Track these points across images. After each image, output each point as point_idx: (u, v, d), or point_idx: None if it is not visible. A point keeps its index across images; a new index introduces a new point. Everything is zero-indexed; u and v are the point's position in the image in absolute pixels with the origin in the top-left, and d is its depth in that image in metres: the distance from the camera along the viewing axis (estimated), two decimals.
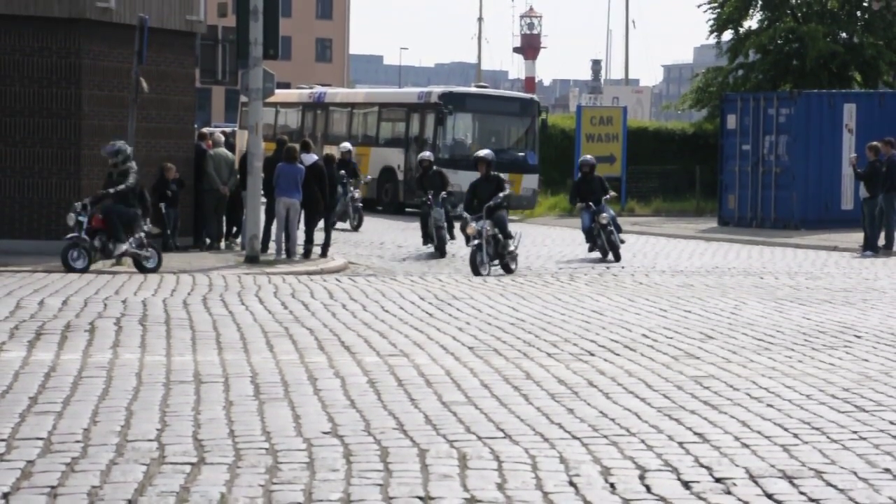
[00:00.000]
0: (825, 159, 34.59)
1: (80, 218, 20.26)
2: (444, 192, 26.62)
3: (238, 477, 7.36)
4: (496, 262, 21.99)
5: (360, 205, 33.05)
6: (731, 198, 36.13)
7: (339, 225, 30.51)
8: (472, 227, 21.79)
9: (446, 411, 9.36)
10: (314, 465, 7.67)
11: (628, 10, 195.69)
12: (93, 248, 20.13)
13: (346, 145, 34.27)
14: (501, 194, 22.34)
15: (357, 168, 33.95)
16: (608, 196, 25.64)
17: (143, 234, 20.56)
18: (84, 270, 19.72)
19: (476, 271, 21.48)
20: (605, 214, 24.86)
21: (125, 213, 20.42)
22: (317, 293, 17.29)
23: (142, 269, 20.30)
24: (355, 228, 32.26)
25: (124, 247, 20.42)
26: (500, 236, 21.91)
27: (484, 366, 11.50)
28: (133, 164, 20.63)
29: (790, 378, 11.09)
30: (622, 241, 25.28)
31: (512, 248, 22.18)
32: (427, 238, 26.43)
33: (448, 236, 26.36)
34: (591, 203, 25.23)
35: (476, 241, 21.64)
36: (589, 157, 27.83)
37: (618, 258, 24.70)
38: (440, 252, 25.50)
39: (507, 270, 22.01)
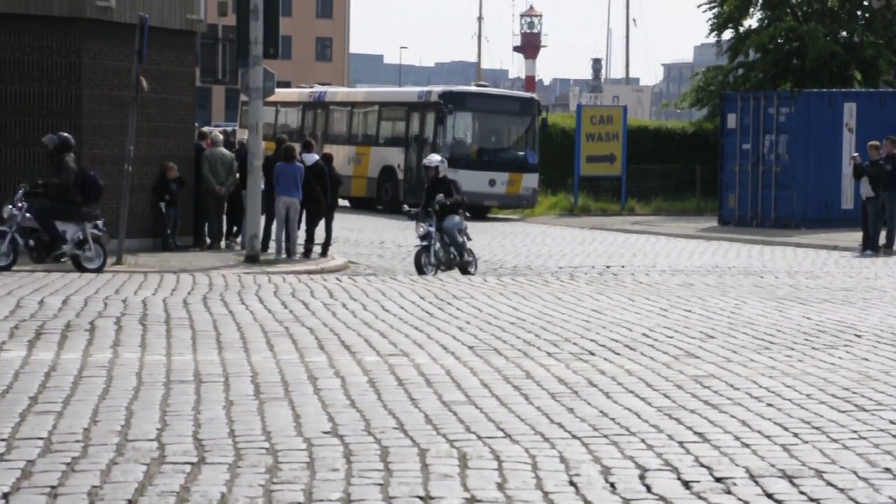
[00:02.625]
0: (825, 159, 34.59)
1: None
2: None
3: (238, 477, 7.36)
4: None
5: None
6: (731, 197, 36.12)
7: None
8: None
9: (446, 411, 9.36)
10: (314, 464, 7.67)
11: (629, 9, 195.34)
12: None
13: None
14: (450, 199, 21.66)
15: None
16: (447, 201, 21.61)
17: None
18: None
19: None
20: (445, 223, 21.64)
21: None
22: (317, 292, 17.29)
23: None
24: None
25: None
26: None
27: (484, 365, 11.49)
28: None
29: (790, 377, 11.09)
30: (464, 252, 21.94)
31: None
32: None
33: None
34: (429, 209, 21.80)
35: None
36: (433, 156, 23.40)
37: (464, 271, 21.82)
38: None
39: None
